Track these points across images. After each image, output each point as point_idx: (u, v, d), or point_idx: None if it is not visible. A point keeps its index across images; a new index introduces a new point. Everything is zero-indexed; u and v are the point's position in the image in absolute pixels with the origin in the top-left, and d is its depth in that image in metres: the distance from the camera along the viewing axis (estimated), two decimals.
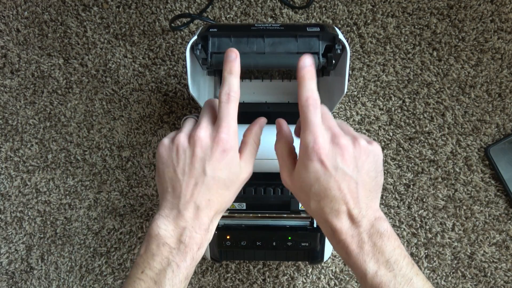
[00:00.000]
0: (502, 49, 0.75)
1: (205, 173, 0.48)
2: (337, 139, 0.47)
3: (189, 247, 0.48)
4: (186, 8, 0.77)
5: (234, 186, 0.51)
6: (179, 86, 0.77)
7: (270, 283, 0.75)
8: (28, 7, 0.78)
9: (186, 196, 0.49)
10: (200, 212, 0.49)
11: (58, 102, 0.78)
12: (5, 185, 0.77)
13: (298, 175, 0.49)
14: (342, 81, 0.58)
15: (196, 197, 0.49)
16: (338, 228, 0.47)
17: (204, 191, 0.49)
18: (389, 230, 0.47)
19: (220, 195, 0.50)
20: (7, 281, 0.77)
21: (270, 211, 0.69)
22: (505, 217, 0.74)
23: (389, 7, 0.76)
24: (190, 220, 0.49)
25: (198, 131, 0.49)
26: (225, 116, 0.49)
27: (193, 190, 0.49)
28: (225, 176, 0.49)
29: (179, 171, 0.49)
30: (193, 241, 0.48)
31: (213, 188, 0.49)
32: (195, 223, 0.49)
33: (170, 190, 0.50)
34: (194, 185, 0.49)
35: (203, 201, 0.49)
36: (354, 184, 0.47)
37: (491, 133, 0.74)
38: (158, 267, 0.47)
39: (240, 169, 0.51)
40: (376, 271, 0.45)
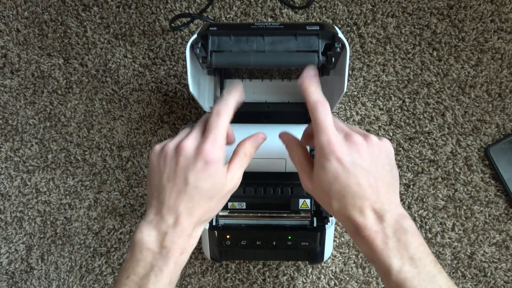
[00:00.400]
0: (502, 49, 0.75)
1: (187, 183, 0.49)
2: (350, 137, 0.48)
3: (171, 252, 0.49)
4: (186, 8, 0.77)
5: (218, 196, 0.51)
6: (179, 86, 0.77)
7: (270, 283, 0.75)
8: (28, 7, 0.78)
9: (169, 202, 0.50)
10: (181, 218, 0.49)
11: (58, 102, 0.78)
12: (5, 185, 0.77)
13: (317, 176, 0.49)
14: (342, 80, 0.58)
15: (179, 204, 0.49)
16: (361, 224, 0.47)
17: (186, 200, 0.49)
18: (413, 227, 0.47)
19: (203, 205, 0.50)
20: (7, 281, 0.77)
21: (270, 211, 0.69)
22: (505, 217, 0.74)
23: (389, 7, 0.76)
24: (171, 226, 0.49)
25: (185, 141, 0.50)
26: (213, 128, 0.50)
27: (176, 198, 0.50)
28: (207, 187, 0.50)
29: (164, 178, 0.50)
30: (176, 246, 0.49)
31: (195, 197, 0.50)
32: (177, 228, 0.49)
33: (155, 196, 0.51)
34: (177, 193, 0.49)
35: (185, 209, 0.49)
36: (373, 179, 0.47)
37: (491, 133, 0.74)
38: (142, 272, 0.48)
39: (225, 180, 0.51)
40: (401, 267, 0.45)
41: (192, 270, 0.76)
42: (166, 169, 0.50)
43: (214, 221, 0.67)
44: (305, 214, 0.68)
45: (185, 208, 0.49)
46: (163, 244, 0.49)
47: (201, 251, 0.75)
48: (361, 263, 0.74)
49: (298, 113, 0.70)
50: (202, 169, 0.49)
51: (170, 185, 0.50)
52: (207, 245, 0.67)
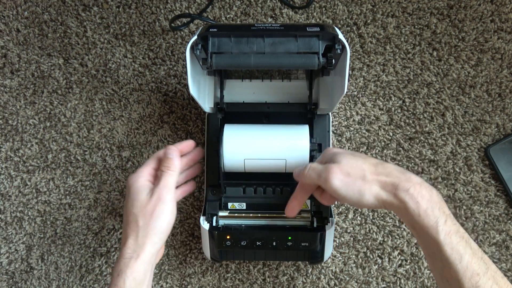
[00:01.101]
0: (502, 49, 0.75)
1: (124, 210, 0.61)
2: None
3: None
4: (186, 8, 0.77)
5: (142, 211, 0.59)
6: (179, 86, 0.77)
7: (270, 283, 0.75)
8: (28, 7, 0.78)
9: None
10: (122, 242, 0.60)
11: (58, 102, 0.78)
12: (5, 185, 0.77)
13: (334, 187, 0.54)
14: (342, 81, 0.58)
15: (123, 233, 0.61)
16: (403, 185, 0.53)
17: (123, 226, 0.60)
18: (440, 194, 0.54)
19: (131, 223, 0.59)
20: (7, 281, 0.77)
21: (270, 211, 0.69)
22: (505, 217, 0.74)
23: (389, 7, 0.76)
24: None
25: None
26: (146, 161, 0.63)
27: (123, 228, 0.61)
28: (130, 206, 0.59)
29: None
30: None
31: (125, 220, 0.60)
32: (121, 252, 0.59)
33: None
34: (124, 224, 0.61)
35: (123, 234, 0.60)
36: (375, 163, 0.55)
37: (491, 133, 0.74)
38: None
39: (145, 196, 0.59)
40: (446, 220, 0.51)
41: (192, 270, 0.76)
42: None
43: (214, 221, 0.67)
44: (305, 214, 0.68)
45: (123, 232, 0.59)
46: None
47: (201, 251, 0.75)
48: (361, 263, 0.75)
49: (298, 113, 0.71)
50: (127, 194, 0.60)
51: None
52: (207, 245, 0.68)
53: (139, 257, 0.56)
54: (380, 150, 0.75)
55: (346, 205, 0.75)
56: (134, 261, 0.56)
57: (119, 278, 0.55)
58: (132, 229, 0.57)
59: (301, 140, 0.65)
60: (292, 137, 0.65)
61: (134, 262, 0.56)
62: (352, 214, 0.75)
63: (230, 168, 0.66)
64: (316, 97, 0.68)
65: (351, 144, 0.75)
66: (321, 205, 0.67)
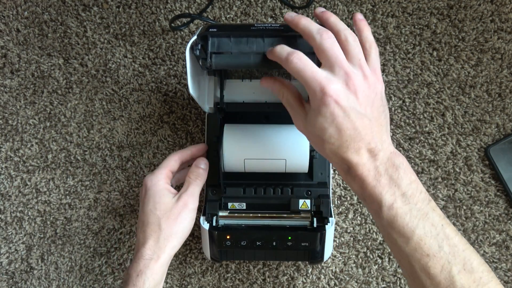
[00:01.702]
0: (502, 49, 0.75)
1: (140, 211, 0.62)
2: (350, 80, 0.47)
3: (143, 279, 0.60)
4: (186, 8, 0.77)
5: (165, 215, 0.60)
6: (179, 86, 0.77)
7: (270, 283, 0.75)
8: (28, 7, 0.78)
9: (136, 237, 0.63)
10: (137, 242, 0.61)
11: (58, 102, 0.78)
12: (5, 185, 0.77)
13: (312, 120, 0.49)
14: None
15: (137, 233, 0.62)
16: (354, 162, 0.47)
17: (140, 226, 0.61)
18: (404, 164, 0.48)
19: (152, 224, 0.60)
20: (7, 281, 0.77)
21: (270, 211, 0.69)
22: (505, 217, 0.74)
23: (389, 7, 0.76)
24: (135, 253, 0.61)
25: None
26: (163, 162, 0.65)
27: (136, 230, 0.63)
28: (150, 207, 0.60)
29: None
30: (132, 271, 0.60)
31: (144, 220, 0.61)
32: (136, 254, 0.60)
33: None
34: (137, 225, 0.63)
35: (140, 234, 0.61)
36: (368, 121, 0.48)
37: (491, 133, 0.74)
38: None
39: (170, 199, 0.61)
40: (392, 204, 0.46)
41: (192, 270, 0.76)
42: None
43: (214, 221, 0.67)
44: (305, 214, 0.68)
45: (141, 232, 0.60)
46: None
47: (201, 251, 0.75)
48: (361, 263, 0.75)
49: None
50: (144, 194, 0.61)
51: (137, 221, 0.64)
52: (207, 245, 0.68)
53: (159, 258, 0.58)
54: None
55: (346, 205, 0.75)
56: (155, 263, 0.57)
57: (138, 278, 0.56)
58: (153, 230, 0.58)
59: (301, 140, 0.65)
60: (292, 137, 0.65)
61: (154, 263, 0.57)
62: (352, 214, 0.75)
63: (230, 168, 0.66)
64: None
65: None
66: (321, 205, 0.67)
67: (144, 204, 0.61)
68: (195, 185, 0.63)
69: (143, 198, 0.61)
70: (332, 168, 0.74)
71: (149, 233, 0.59)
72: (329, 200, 0.68)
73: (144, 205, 0.60)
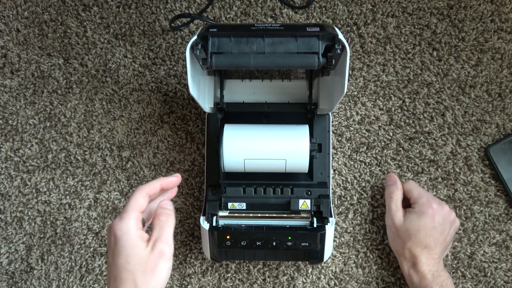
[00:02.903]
0: (502, 49, 0.75)
1: (109, 263, 0.53)
2: (442, 205, 0.68)
3: None
4: (186, 8, 0.77)
5: (141, 269, 0.52)
6: (179, 86, 0.77)
7: (270, 283, 0.75)
8: (28, 7, 0.78)
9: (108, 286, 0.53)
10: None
11: (58, 102, 0.78)
12: (5, 185, 0.77)
13: (410, 220, 0.68)
14: (342, 81, 0.58)
15: (110, 287, 0.52)
16: (424, 261, 0.66)
17: (112, 282, 0.52)
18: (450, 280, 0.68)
19: (126, 281, 0.51)
20: (7, 281, 0.77)
21: (270, 211, 0.69)
22: (505, 217, 0.74)
23: (389, 7, 0.76)
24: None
25: (108, 227, 0.55)
26: (126, 205, 0.54)
27: (107, 283, 0.53)
28: (123, 261, 0.51)
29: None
30: None
31: (117, 276, 0.51)
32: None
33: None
34: (107, 278, 0.53)
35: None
36: (443, 240, 0.67)
37: (491, 133, 0.74)
38: None
39: (144, 251, 0.52)
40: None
41: (192, 270, 0.76)
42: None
43: (214, 221, 0.67)
44: (305, 214, 0.68)
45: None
46: None
47: (201, 251, 0.75)
48: (361, 263, 0.75)
49: (298, 113, 0.71)
50: (114, 245, 0.52)
51: (107, 270, 0.56)
52: (207, 245, 0.68)
53: None
54: (380, 150, 0.75)
55: (346, 205, 0.75)
56: None
57: None
58: (130, 287, 0.51)
59: (301, 140, 0.65)
60: (292, 137, 0.65)
61: None
62: (352, 214, 0.75)
63: (230, 168, 0.66)
64: (316, 97, 0.68)
65: (351, 144, 0.75)
66: (321, 205, 0.67)
67: (114, 256, 0.52)
68: (168, 227, 0.55)
69: (113, 249, 0.52)
70: (332, 168, 0.74)
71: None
72: (329, 200, 0.68)
73: (115, 257, 0.52)
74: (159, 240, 0.53)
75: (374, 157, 0.75)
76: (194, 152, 0.76)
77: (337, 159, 0.75)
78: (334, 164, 0.75)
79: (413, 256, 0.67)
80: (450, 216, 0.68)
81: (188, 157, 0.76)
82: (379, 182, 0.75)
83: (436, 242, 0.66)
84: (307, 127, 0.67)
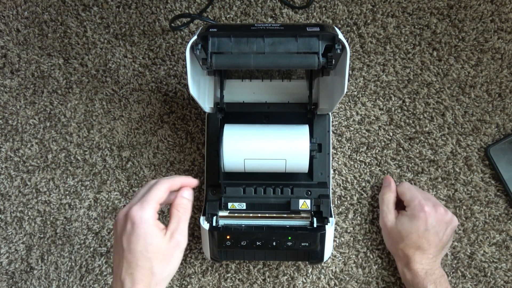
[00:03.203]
0: (502, 49, 0.75)
1: (123, 248, 0.54)
2: (436, 207, 0.68)
3: None
4: (186, 8, 0.77)
5: (158, 257, 0.54)
6: (179, 86, 0.77)
7: (270, 283, 0.75)
8: (28, 7, 0.78)
9: (115, 272, 0.54)
10: (125, 286, 0.53)
11: (58, 102, 0.78)
12: (5, 185, 0.77)
13: (402, 222, 0.68)
14: (342, 81, 0.58)
15: (121, 272, 0.53)
16: (417, 260, 0.66)
17: (126, 266, 0.53)
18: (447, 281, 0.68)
19: (144, 268, 0.53)
20: (7, 281, 0.77)
21: (270, 211, 0.69)
22: (505, 217, 0.74)
23: (389, 7, 0.76)
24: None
25: (120, 209, 0.57)
26: (147, 194, 0.56)
27: (118, 265, 0.54)
28: (140, 248, 0.53)
29: (114, 248, 0.56)
30: None
31: (133, 262, 0.53)
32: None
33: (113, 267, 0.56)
34: (119, 260, 0.54)
35: (127, 276, 0.53)
36: (438, 241, 0.67)
37: (491, 133, 0.74)
38: None
39: (161, 239, 0.54)
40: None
41: (192, 270, 0.76)
42: (114, 239, 0.56)
43: (214, 221, 0.67)
44: (305, 214, 0.68)
45: (127, 275, 0.53)
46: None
47: (201, 251, 0.75)
48: (361, 263, 0.75)
49: (298, 113, 0.71)
50: (131, 231, 0.53)
51: (115, 254, 0.55)
52: (207, 245, 0.68)
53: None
54: (380, 150, 0.75)
55: (346, 205, 0.75)
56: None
57: None
58: (144, 275, 0.53)
59: (301, 140, 0.65)
60: (292, 137, 0.65)
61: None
62: (352, 214, 0.75)
63: (230, 168, 0.66)
64: (316, 97, 0.68)
65: (351, 144, 0.75)
66: (321, 205, 0.67)
67: (131, 243, 0.53)
68: (185, 220, 0.57)
69: (129, 235, 0.53)
70: (332, 168, 0.74)
71: (139, 277, 0.53)
72: (329, 200, 0.68)
73: (132, 243, 0.53)
74: (176, 232, 0.56)
75: (374, 157, 0.75)
76: (194, 152, 0.76)
77: (337, 159, 0.75)
78: (334, 164, 0.75)
79: (406, 256, 0.67)
80: (445, 217, 0.68)
81: (188, 157, 0.76)
82: (379, 182, 0.75)
83: (429, 243, 0.66)
84: (307, 127, 0.66)
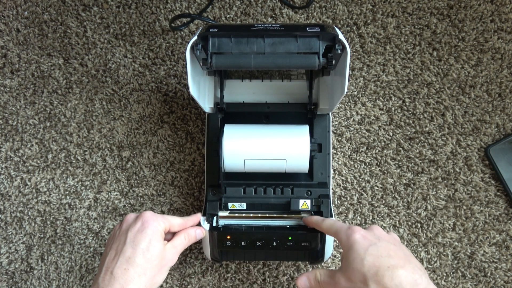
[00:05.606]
0: (502, 49, 0.75)
1: (125, 243, 0.56)
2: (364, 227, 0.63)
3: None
4: (186, 8, 0.77)
5: (154, 262, 0.57)
6: (179, 86, 0.77)
7: (270, 283, 0.75)
8: (28, 7, 0.78)
9: (105, 267, 0.56)
10: (114, 281, 0.54)
11: (58, 102, 0.78)
12: (5, 185, 0.77)
13: (348, 259, 0.53)
14: (342, 81, 0.58)
15: (113, 268, 0.55)
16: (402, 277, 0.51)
17: (121, 261, 0.55)
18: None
19: (139, 267, 0.55)
20: (7, 281, 0.77)
21: (270, 211, 0.69)
22: (505, 217, 0.74)
23: (389, 7, 0.76)
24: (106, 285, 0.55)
25: (129, 213, 0.61)
26: (167, 216, 0.62)
27: (111, 262, 0.56)
28: (143, 246, 0.56)
29: (110, 242, 0.59)
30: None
31: (131, 258, 0.55)
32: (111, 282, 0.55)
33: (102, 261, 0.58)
34: (113, 256, 0.56)
35: (119, 272, 0.55)
36: (401, 252, 0.53)
37: (491, 133, 0.74)
38: None
39: (163, 248, 0.58)
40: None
41: (192, 270, 0.76)
42: (113, 235, 0.60)
43: (214, 222, 0.67)
44: (306, 214, 0.68)
45: (120, 270, 0.55)
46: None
47: (201, 251, 0.75)
48: None
49: (298, 113, 0.71)
50: (140, 228, 0.57)
51: (110, 250, 0.57)
52: (208, 245, 0.67)
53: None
54: (380, 150, 0.75)
55: (346, 205, 0.75)
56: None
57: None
58: (138, 274, 0.55)
59: (301, 140, 0.65)
60: (292, 137, 0.65)
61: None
62: (352, 214, 0.75)
63: (230, 168, 0.66)
64: (316, 97, 0.69)
65: (351, 144, 0.75)
66: (321, 205, 0.67)
67: (136, 238, 0.56)
68: (184, 246, 0.63)
69: (137, 232, 0.57)
70: (332, 168, 0.74)
71: (132, 274, 0.55)
72: (329, 200, 0.68)
73: (137, 239, 0.56)
74: (175, 248, 0.60)
75: (374, 157, 0.75)
76: (194, 152, 0.76)
77: (337, 159, 0.75)
78: (334, 164, 0.75)
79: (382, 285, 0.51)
80: (370, 232, 0.56)
81: (188, 157, 0.76)
82: (379, 182, 0.75)
83: (390, 256, 0.53)
84: (307, 127, 0.67)
